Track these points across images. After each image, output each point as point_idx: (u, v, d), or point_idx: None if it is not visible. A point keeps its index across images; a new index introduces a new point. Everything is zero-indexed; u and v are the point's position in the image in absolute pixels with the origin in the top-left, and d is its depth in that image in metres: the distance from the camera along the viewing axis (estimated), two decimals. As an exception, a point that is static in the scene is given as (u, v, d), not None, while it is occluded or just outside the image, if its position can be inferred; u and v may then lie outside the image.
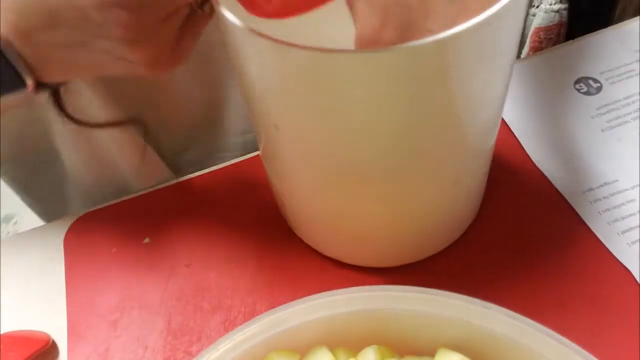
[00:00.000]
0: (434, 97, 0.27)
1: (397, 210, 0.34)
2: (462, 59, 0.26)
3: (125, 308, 0.40)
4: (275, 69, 0.27)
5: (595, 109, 0.46)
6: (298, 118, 0.29)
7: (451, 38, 0.24)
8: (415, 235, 0.37)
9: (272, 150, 0.35)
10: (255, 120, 0.34)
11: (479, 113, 0.31)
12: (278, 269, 0.41)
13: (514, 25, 0.28)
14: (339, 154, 0.30)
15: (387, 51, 0.24)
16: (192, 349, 0.38)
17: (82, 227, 0.45)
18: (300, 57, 0.25)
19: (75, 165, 0.52)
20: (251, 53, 0.28)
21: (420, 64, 0.25)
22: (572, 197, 0.41)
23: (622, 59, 0.49)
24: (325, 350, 0.28)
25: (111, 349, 0.38)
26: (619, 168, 0.42)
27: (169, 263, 0.42)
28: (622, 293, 0.36)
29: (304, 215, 0.39)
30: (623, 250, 0.38)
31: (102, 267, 0.43)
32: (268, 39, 0.25)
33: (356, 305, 0.29)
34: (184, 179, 0.48)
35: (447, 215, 0.37)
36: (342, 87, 0.26)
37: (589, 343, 0.27)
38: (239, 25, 0.26)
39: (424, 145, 0.30)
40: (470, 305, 0.27)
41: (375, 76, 0.25)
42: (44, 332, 0.39)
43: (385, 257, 0.39)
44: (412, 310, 0.28)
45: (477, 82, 0.28)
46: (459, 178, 0.34)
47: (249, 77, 0.30)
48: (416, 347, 0.29)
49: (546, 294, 0.37)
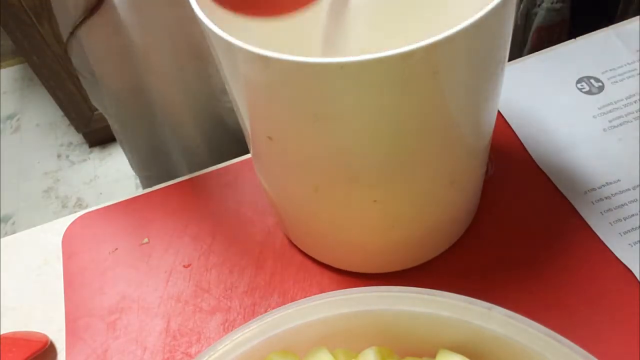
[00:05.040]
0: (425, 102, 0.27)
1: (394, 214, 0.34)
2: (453, 63, 0.25)
3: (124, 309, 0.40)
4: (262, 80, 0.27)
5: (597, 108, 0.46)
6: (291, 128, 0.29)
7: (441, 43, 0.23)
8: (413, 239, 0.37)
9: (265, 160, 0.35)
10: (248, 132, 0.34)
11: (472, 114, 0.31)
12: (277, 270, 0.40)
13: (504, 27, 0.27)
14: (333, 160, 0.30)
15: (376, 58, 0.24)
16: (192, 350, 0.37)
17: (80, 227, 0.45)
18: (285, 68, 0.25)
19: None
20: (236, 65, 0.27)
21: (411, 70, 0.25)
22: (574, 197, 0.41)
23: (624, 58, 0.49)
24: (325, 351, 0.28)
25: (110, 350, 0.38)
26: (621, 168, 0.42)
27: (169, 263, 0.42)
28: (623, 293, 0.36)
29: (300, 224, 0.39)
30: (624, 251, 0.38)
31: (100, 267, 0.43)
32: (250, 50, 0.24)
33: (356, 306, 0.28)
34: (184, 179, 0.47)
35: (445, 216, 0.37)
36: (332, 97, 0.26)
37: (590, 343, 0.26)
38: (222, 37, 0.25)
39: (417, 148, 0.30)
40: (470, 305, 0.27)
41: (364, 84, 0.25)
42: (43, 333, 0.39)
43: (384, 263, 0.38)
44: (413, 311, 0.28)
45: (469, 85, 0.28)
46: (454, 179, 0.34)
47: (238, 89, 0.30)
48: (417, 348, 0.29)
49: (547, 294, 0.37)
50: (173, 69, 0.52)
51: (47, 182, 1.58)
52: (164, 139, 0.58)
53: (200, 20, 0.26)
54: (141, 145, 0.60)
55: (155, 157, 0.60)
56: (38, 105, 1.78)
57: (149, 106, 0.55)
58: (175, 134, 0.58)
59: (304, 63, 0.24)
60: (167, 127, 0.57)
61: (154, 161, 0.61)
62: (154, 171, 0.62)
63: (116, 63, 0.51)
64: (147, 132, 0.58)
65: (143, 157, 0.61)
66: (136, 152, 0.61)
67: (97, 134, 1.59)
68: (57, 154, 1.65)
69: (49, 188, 1.57)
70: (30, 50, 1.30)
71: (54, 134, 1.71)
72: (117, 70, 0.52)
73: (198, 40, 0.49)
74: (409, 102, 0.26)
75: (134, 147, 0.60)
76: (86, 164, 1.61)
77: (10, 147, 1.69)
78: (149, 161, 0.61)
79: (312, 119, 0.27)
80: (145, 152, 0.60)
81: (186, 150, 0.59)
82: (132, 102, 0.55)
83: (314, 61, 0.24)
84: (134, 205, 0.46)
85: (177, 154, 0.60)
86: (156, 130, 0.57)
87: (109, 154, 1.62)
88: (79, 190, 1.55)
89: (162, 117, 0.56)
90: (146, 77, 0.52)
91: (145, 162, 0.62)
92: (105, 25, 0.47)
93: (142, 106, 0.55)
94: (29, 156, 1.66)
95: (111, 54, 0.50)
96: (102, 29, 0.48)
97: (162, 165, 0.61)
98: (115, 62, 0.51)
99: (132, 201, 0.46)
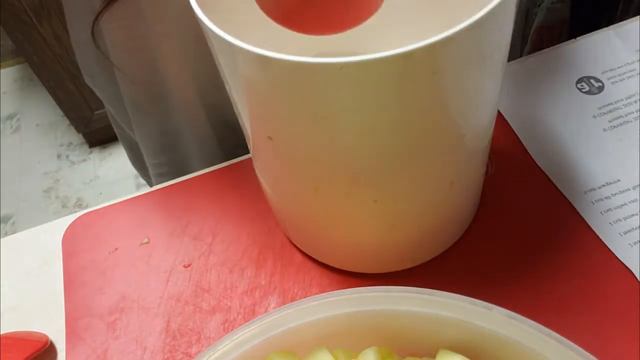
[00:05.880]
0: (425, 102, 0.27)
1: (394, 214, 0.34)
2: (453, 63, 0.25)
3: (124, 309, 0.40)
4: (262, 80, 0.27)
5: (597, 108, 0.46)
6: (291, 128, 0.29)
7: (441, 43, 0.23)
8: (413, 239, 0.37)
9: (265, 160, 0.35)
10: (247, 132, 0.34)
11: (472, 115, 0.31)
12: (277, 270, 0.40)
13: (504, 26, 0.27)
14: (333, 160, 0.30)
15: (376, 58, 0.23)
16: (191, 350, 0.37)
17: (80, 227, 0.45)
18: (285, 68, 0.25)
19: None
20: (236, 65, 0.27)
21: (411, 70, 0.25)
22: (574, 197, 0.41)
23: (623, 58, 0.49)
24: (325, 352, 0.28)
25: (110, 350, 0.38)
26: (621, 168, 0.42)
27: (169, 263, 0.42)
28: (623, 293, 0.36)
29: (300, 224, 0.39)
30: (625, 251, 0.38)
31: (100, 267, 0.43)
32: (250, 50, 0.24)
33: (356, 306, 0.28)
34: (183, 179, 0.47)
35: (445, 216, 0.37)
36: (332, 97, 0.26)
37: (590, 344, 0.26)
38: (222, 37, 0.25)
39: (417, 148, 0.30)
40: (471, 306, 0.27)
41: (364, 84, 0.25)
42: (43, 333, 0.39)
43: (384, 263, 0.38)
44: (413, 311, 0.28)
45: (469, 85, 0.28)
46: (454, 179, 0.34)
47: (238, 89, 0.29)
48: (417, 348, 0.29)
49: (547, 294, 0.37)
50: (185, 57, 0.53)
51: (47, 182, 1.58)
52: (176, 125, 0.59)
53: (201, 20, 0.26)
54: (154, 130, 0.61)
55: (166, 143, 0.62)
56: (38, 105, 1.78)
57: (163, 93, 0.56)
58: (187, 122, 0.59)
59: (304, 63, 0.24)
60: (179, 113, 0.58)
61: (165, 147, 0.62)
62: (164, 159, 0.63)
63: (134, 51, 0.52)
64: (160, 117, 0.59)
65: (154, 142, 0.62)
66: (148, 138, 0.62)
67: (97, 134, 1.59)
68: (57, 154, 1.65)
69: (49, 188, 1.57)
70: (30, 50, 1.31)
71: (54, 134, 1.71)
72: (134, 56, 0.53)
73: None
74: (409, 102, 0.26)
75: (146, 133, 0.61)
76: (86, 164, 1.61)
77: (10, 147, 1.69)
78: (161, 147, 0.62)
79: (312, 119, 0.27)
80: (157, 137, 0.61)
81: (196, 139, 0.60)
82: (146, 87, 0.56)
83: (314, 61, 0.24)
84: (134, 205, 0.46)
85: (188, 142, 0.60)
86: (169, 116, 0.58)
87: (109, 154, 1.62)
88: (79, 190, 1.55)
89: (174, 103, 0.57)
90: (161, 63, 0.53)
91: (156, 148, 0.63)
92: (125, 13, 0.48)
93: (156, 93, 0.56)
94: (29, 156, 1.66)
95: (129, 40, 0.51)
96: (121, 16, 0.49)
97: (172, 154, 0.62)
98: (133, 49, 0.52)
99: (132, 201, 0.46)
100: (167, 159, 0.63)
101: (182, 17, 0.49)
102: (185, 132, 0.60)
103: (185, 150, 0.62)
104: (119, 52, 0.53)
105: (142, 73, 0.54)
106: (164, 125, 0.59)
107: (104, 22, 0.50)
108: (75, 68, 1.37)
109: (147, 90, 0.56)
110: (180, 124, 0.59)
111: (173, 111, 0.58)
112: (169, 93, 0.56)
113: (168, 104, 0.57)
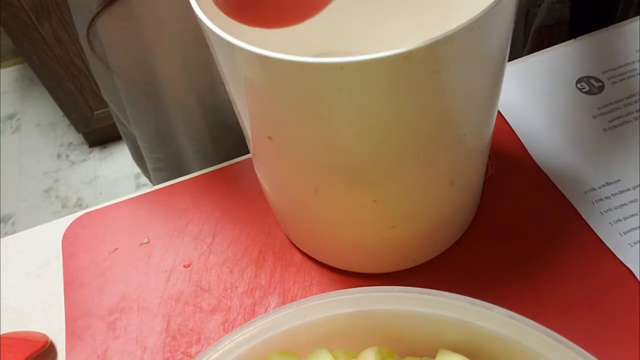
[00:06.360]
0: (425, 102, 0.27)
1: (394, 214, 0.34)
2: (453, 63, 0.25)
3: (124, 309, 0.40)
4: (261, 80, 0.27)
5: (597, 108, 0.46)
6: (291, 128, 0.29)
7: (441, 42, 0.23)
8: (413, 239, 0.37)
9: (265, 160, 0.35)
10: (247, 132, 0.34)
11: (471, 114, 0.31)
12: (277, 270, 0.40)
13: (504, 26, 0.27)
14: (333, 160, 0.30)
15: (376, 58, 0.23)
16: (191, 350, 0.37)
17: (80, 227, 0.45)
18: (285, 68, 0.25)
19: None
20: (236, 65, 0.27)
21: (411, 70, 0.25)
22: (574, 197, 0.41)
23: (624, 58, 0.49)
24: (325, 352, 0.28)
25: (110, 350, 0.38)
26: (621, 168, 0.42)
27: (168, 263, 0.42)
28: (623, 293, 0.36)
29: (300, 224, 0.39)
30: (625, 251, 0.38)
31: (100, 267, 0.43)
32: (250, 50, 0.24)
33: (356, 306, 0.28)
34: (183, 179, 0.47)
35: (445, 216, 0.37)
36: (332, 97, 0.26)
37: (590, 343, 0.26)
38: (222, 37, 0.25)
39: (417, 148, 0.30)
40: (471, 305, 0.27)
41: (365, 84, 0.25)
42: (43, 333, 0.39)
43: (384, 263, 0.38)
44: (413, 311, 0.28)
45: (469, 85, 0.28)
46: (454, 179, 0.34)
47: (238, 89, 0.29)
48: (417, 348, 0.29)
49: (547, 294, 0.37)
50: (181, 59, 0.53)
51: (47, 182, 1.58)
52: (172, 124, 0.60)
53: (201, 20, 0.26)
54: (150, 127, 0.61)
55: (162, 140, 0.62)
56: (38, 105, 1.78)
57: (157, 91, 0.57)
58: (182, 121, 0.59)
59: (304, 63, 0.24)
60: (174, 112, 0.58)
61: (161, 143, 0.63)
62: (161, 154, 0.64)
63: (129, 51, 0.53)
64: (156, 113, 0.59)
65: (152, 138, 0.63)
66: (145, 134, 0.63)
67: (97, 134, 1.59)
68: (57, 154, 1.65)
69: (49, 188, 1.57)
70: (30, 50, 1.31)
71: (54, 134, 1.71)
72: (129, 57, 0.54)
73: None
74: (409, 102, 0.26)
75: (143, 129, 0.62)
76: (86, 164, 1.61)
77: (10, 147, 1.69)
78: (157, 143, 0.63)
79: (312, 119, 0.27)
80: (153, 133, 0.62)
81: (191, 139, 0.60)
82: (142, 87, 0.57)
83: (314, 61, 0.24)
84: (134, 205, 0.46)
85: (183, 141, 0.61)
86: (164, 115, 0.59)
87: (109, 154, 1.62)
88: (79, 190, 1.55)
89: (169, 103, 0.57)
90: (156, 65, 0.53)
91: (152, 143, 0.63)
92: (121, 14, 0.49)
93: (151, 92, 0.57)
94: (29, 156, 1.66)
95: (124, 41, 0.52)
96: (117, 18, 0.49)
97: (168, 150, 0.63)
98: (128, 50, 0.53)
99: (132, 201, 0.46)
100: (164, 155, 0.64)
101: (178, 20, 0.50)
102: (180, 131, 0.60)
103: (180, 149, 0.62)
104: (115, 53, 0.53)
105: (138, 74, 0.55)
106: (160, 123, 0.60)
107: (100, 23, 0.50)
108: (76, 68, 1.37)
109: (143, 89, 0.57)
110: (176, 123, 0.59)
111: (168, 111, 0.58)
112: (164, 93, 0.56)
113: (163, 103, 0.57)
